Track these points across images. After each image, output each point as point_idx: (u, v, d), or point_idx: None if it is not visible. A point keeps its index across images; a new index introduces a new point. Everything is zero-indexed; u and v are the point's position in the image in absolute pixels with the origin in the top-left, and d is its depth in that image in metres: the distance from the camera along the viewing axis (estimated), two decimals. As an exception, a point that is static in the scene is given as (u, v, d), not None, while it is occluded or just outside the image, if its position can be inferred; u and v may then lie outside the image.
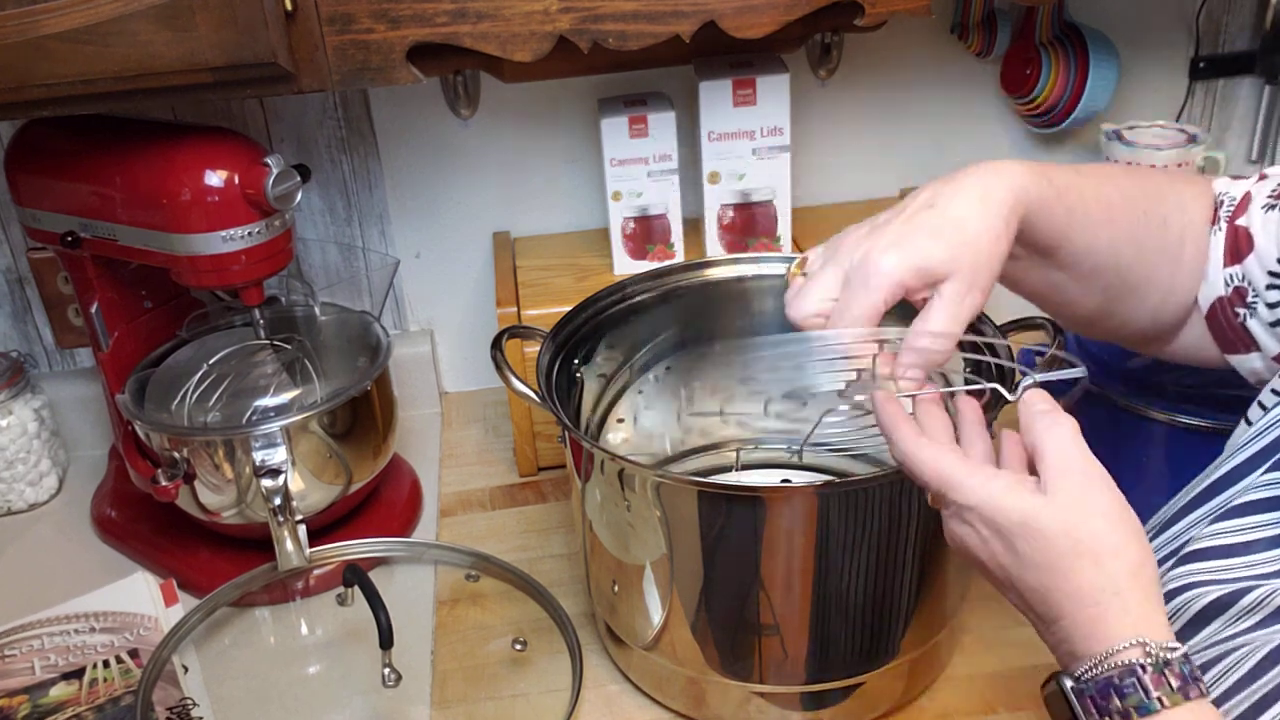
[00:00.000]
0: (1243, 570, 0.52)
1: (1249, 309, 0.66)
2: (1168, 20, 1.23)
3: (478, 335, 1.28)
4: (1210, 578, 0.52)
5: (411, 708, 0.87)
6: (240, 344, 1.01)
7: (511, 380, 0.86)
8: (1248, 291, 0.66)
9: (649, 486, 0.75)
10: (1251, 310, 0.66)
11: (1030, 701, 0.83)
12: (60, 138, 0.94)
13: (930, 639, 0.82)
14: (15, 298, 1.20)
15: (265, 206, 0.87)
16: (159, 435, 0.94)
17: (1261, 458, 0.55)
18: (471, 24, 0.82)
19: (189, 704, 0.86)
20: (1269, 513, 0.53)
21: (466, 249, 1.25)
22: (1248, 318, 0.67)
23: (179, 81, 0.78)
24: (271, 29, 0.77)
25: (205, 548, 1.02)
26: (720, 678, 0.80)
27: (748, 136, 1.09)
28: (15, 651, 0.92)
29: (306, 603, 0.99)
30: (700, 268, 0.98)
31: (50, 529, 1.12)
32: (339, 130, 1.16)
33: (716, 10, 0.84)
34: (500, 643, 0.92)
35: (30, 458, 1.13)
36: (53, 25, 0.75)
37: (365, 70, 0.83)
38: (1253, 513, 0.53)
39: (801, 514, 0.72)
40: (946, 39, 1.21)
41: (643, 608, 0.81)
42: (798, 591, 0.75)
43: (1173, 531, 0.59)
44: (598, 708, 0.86)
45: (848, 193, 1.28)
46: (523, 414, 1.11)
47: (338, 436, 0.97)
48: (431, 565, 1.01)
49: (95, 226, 0.92)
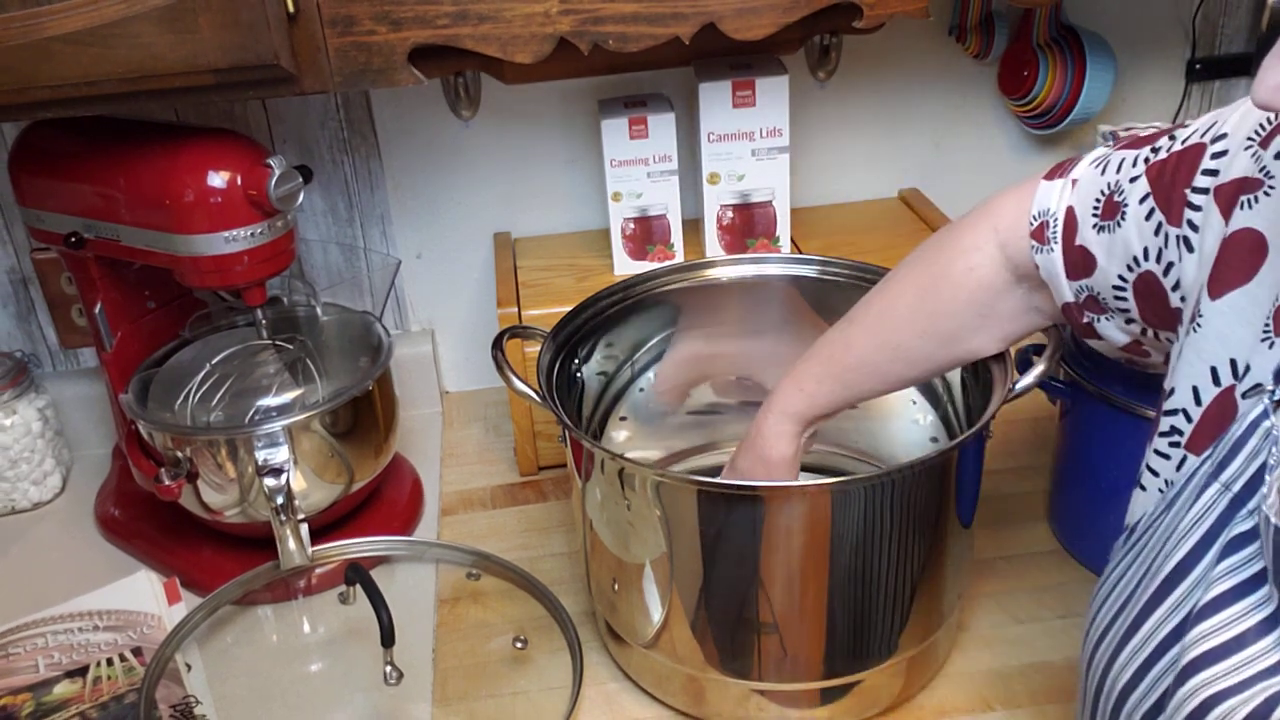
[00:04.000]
0: (1249, 668, 0.51)
1: (1102, 313, 0.67)
2: (1164, 22, 1.23)
3: (478, 335, 1.29)
4: (1225, 686, 0.51)
5: (413, 705, 0.87)
6: (243, 344, 1.01)
7: (512, 380, 0.87)
8: (1099, 300, 0.67)
9: (649, 485, 0.75)
10: (1105, 316, 0.67)
11: (1028, 699, 0.84)
12: (64, 139, 0.94)
13: (928, 637, 0.82)
14: (19, 298, 1.20)
15: (267, 207, 0.88)
16: (162, 435, 0.95)
17: (1203, 547, 0.53)
18: (473, 26, 0.83)
19: (192, 702, 0.87)
20: (1242, 600, 0.52)
21: (467, 249, 1.25)
22: (1097, 320, 0.68)
23: (181, 83, 0.79)
24: (273, 31, 0.77)
25: (208, 546, 1.02)
26: (720, 675, 0.80)
27: (747, 137, 1.09)
28: (19, 649, 0.92)
29: (308, 601, 0.99)
30: (700, 268, 0.98)
31: (54, 528, 1.13)
32: (341, 131, 1.17)
33: (716, 12, 0.84)
34: (501, 641, 0.93)
35: (34, 457, 1.13)
36: (56, 27, 0.75)
37: (367, 72, 0.83)
38: (1228, 605, 0.52)
39: (801, 513, 0.73)
40: (944, 41, 1.22)
41: (643, 606, 0.82)
42: (797, 590, 0.76)
43: (1170, 652, 0.56)
44: (598, 705, 0.86)
45: (847, 193, 1.28)
46: (523, 413, 1.12)
47: (340, 436, 0.97)
48: (433, 564, 1.02)
49: (98, 227, 0.92)
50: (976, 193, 1.27)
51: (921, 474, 0.74)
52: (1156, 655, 0.54)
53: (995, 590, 0.95)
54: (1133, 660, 0.56)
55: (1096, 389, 0.88)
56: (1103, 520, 0.93)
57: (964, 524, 0.82)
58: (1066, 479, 0.98)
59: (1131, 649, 0.56)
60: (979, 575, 0.95)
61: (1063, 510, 1.00)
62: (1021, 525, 1.02)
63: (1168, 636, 0.54)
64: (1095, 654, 0.59)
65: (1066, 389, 0.93)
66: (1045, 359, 0.81)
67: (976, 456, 0.81)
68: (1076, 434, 0.94)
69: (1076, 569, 0.97)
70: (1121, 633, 0.57)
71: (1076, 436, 0.95)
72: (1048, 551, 0.99)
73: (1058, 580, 0.95)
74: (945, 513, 0.78)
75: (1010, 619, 0.92)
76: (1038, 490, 1.06)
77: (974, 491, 0.82)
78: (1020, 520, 1.03)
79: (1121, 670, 0.56)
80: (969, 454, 0.79)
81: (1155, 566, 0.56)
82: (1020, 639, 0.90)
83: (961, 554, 0.83)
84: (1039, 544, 1.00)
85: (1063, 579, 0.96)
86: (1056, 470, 1.00)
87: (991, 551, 0.99)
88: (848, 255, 0.96)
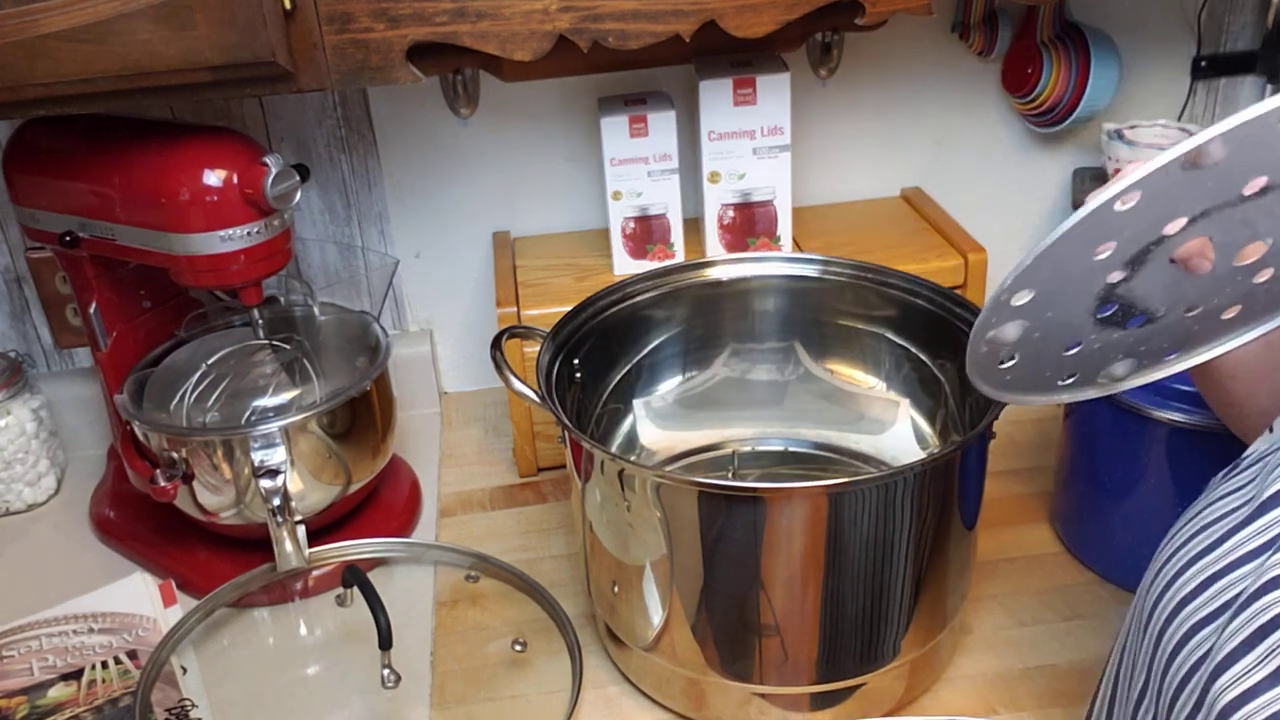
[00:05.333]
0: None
1: None
2: (1169, 19, 1.23)
3: (478, 335, 1.28)
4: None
5: (411, 709, 0.86)
6: (239, 344, 1.00)
7: (511, 380, 0.86)
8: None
9: (649, 487, 0.75)
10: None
11: (1032, 703, 0.83)
12: (59, 137, 0.94)
13: (931, 640, 0.81)
14: (13, 298, 1.19)
15: (264, 206, 0.87)
16: (157, 435, 0.94)
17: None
18: (471, 23, 0.82)
19: (187, 705, 0.86)
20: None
21: (466, 249, 1.25)
22: None
23: (178, 80, 0.78)
24: (270, 28, 0.77)
25: (204, 548, 1.02)
26: (720, 678, 0.80)
27: (748, 136, 1.08)
28: (13, 652, 0.92)
29: (306, 603, 0.99)
30: (700, 268, 0.98)
31: (49, 529, 1.12)
32: (338, 130, 1.16)
33: (717, 9, 0.84)
34: (500, 643, 0.92)
35: (28, 458, 1.13)
36: (52, 24, 0.75)
37: (364, 69, 0.83)
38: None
39: (802, 514, 0.72)
40: (947, 38, 1.21)
41: (643, 608, 0.81)
42: (798, 592, 0.75)
43: (1247, 566, 0.56)
44: (598, 708, 0.86)
45: (848, 192, 1.28)
46: (523, 414, 1.11)
47: (337, 437, 0.97)
48: (431, 566, 1.01)
49: (94, 226, 0.92)
50: (980, 191, 1.28)
51: (924, 475, 0.73)
52: (1231, 568, 0.53)
53: (999, 592, 0.94)
54: (1202, 573, 0.54)
55: (1101, 389, 0.87)
56: (1108, 522, 0.93)
57: (967, 526, 0.81)
58: (1071, 481, 0.97)
59: (1204, 565, 0.55)
60: (982, 577, 0.95)
61: (1067, 512, 0.99)
62: (1025, 527, 1.02)
63: (1251, 552, 0.53)
64: (1161, 570, 0.58)
65: (1070, 389, 0.92)
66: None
67: (980, 458, 0.81)
68: (1081, 435, 0.94)
69: (1081, 571, 0.96)
70: (1197, 550, 0.56)
71: (1081, 438, 0.94)
72: (1052, 554, 0.98)
73: (1062, 582, 0.95)
74: (948, 514, 0.77)
75: (1014, 621, 0.91)
76: (1042, 492, 1.05)
77: (977, 493, 0.82)
78: (1024, 522, 1.02)
79: (1187, 582, 0.55)
80: (972, 455, 0.79)
81: (1252, 494, 0.55)
82: (1024, 642, 0.89)
83: (964, 556, 0.82)
84: (1043, 546, 0.99)
85: (1067, 581, 0.95)
86: (1060, 472, 0.99)
87: (995, 553, 0.98)
88: (849, 254, 0.96)
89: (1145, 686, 0.57)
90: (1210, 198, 0.52)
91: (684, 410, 1.02)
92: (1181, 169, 0.49)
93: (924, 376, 0.95)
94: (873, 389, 1.00)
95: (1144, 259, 0.55)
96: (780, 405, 1.02)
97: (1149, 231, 0.53)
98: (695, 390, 1.03)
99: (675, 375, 1.02)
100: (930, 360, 0.94)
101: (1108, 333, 0.60)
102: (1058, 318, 0.58)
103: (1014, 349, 0.60)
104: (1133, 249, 0.54)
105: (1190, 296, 0.58)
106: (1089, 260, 0.54)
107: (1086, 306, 0.58)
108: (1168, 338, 0.61)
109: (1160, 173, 0.49)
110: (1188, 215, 0.52)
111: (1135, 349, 0.62)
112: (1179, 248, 0.55)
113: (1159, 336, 0.61)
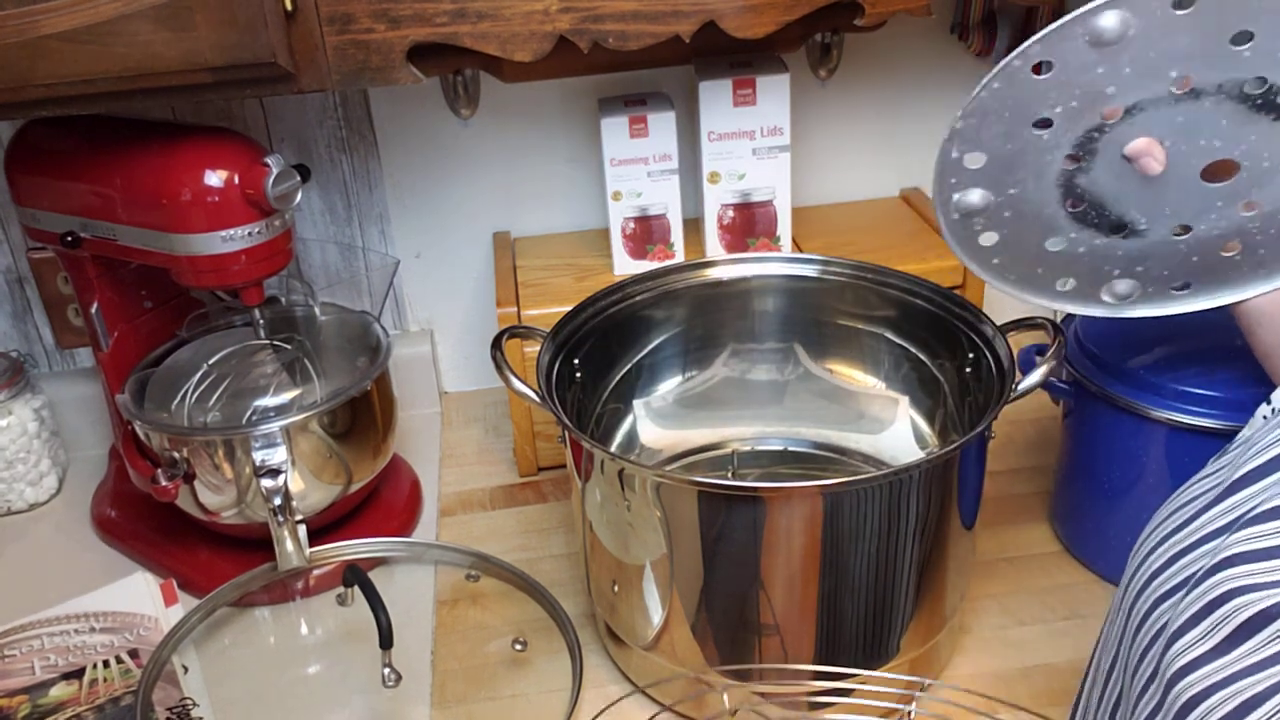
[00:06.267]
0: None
1: None
2: (1168, 20, 1.23)
3: (478, 335, 1.28)
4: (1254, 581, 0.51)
5: (411, 708, 0.86)
6: (240, 344, 1.01)
7: (511, 380, 0.86)
8: None
9: (649, 486, 0.75)
10: None
11: (1030, 702, 0.83)
12: (60, 137, 0.94)
13: (930, 639, 0.82)
14: (15, 298, 1.20)
15: (265, 206, 0.87)
16: (159, 435, 0.94)
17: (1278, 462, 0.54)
18: (471, 24, 0.82)
19: (189, 704, 0.86)
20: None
21: (466, 249, 1.25)
22: None
23: (179, 81, 0.78)
24: (271, 29, 0.77)
25: (205, 548, 1.02)
26: (720, 678, 0.80)
27: (748, 136, 1.09)
28: (15, 652, 0.92)
29: (306, 603, 0.99)
30: (700, 268, 0.98)
31: (50, 529, 1.12)
32: (339, 130, 1.16)
33: (717, 10, 0.84)
34: (500, 643, 0.92)
35: (30, 458, 1.13)
36: (52, 25, 0.75)
37: (365, 70, 0.83)
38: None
39: (802, 514, 0.72)
40: (946, 39, 1.21)
41: (643, 608, 0.81)
42: (798, 591, 0.75)
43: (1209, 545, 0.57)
44: (598, 708, 0.86)
45: (848, 192, 1.28)
46: (523, 414, 1.11)
47: (338, 436, 0.97)
48: (431, 565, 1.01)
49: (95, 226, 0.92)
50: (978, 192, 1.28)
51: (923, 475, 0.74)
52: (1196, 545, 0.55)
53: (998, 592, 0.94)
54: (1172, 548, 0.56)
55: (1100, 389, 0.88)
56: (1106, 521, 0.93)
57: (966, 525, 0.81)
58: (1070, 480, 0.97)
59: (1176, 540, 0.56)
60: (981, 577, 0.95)
61: (1066, 511, 0.99)
62: (1024, 526, 1.02)
63: (1214, 532, 0.54)
64: (1139, 547, 0.59)
65: (1070, 389, 0.92)
66: (1048, 359, 0.80)
67: (979, 457, 0.81)
68: (1080, 434, 0.94)
69: (1080, 570, 0.96)
70: (1173, 526, 0.57)
71: (1080, 437, 0.94)
72: (1051, 553, 0.98)
73: (1061, 582, 0.95)
74: (947, 514, 0.78)
75: (1013, 621, 0.91)
76: (1041, 491, 1.05)
77: (976, 493, 0.82)
78: (1023, 521, 1.02)
79: (1157, 558, 0.56)
80: (971, 455, 0.79)
81: (1228, 473, 0.56)
82: (1023, 641, 0.89)
83: (963, 555, 0.82)
84: (1042, 545, 0.99)
85: (1066, 581, 0.95)
86: (1059, 471, 0.99)
87: (994, 553, 0.98)
88: (849, 255, 0.96)
89: (1115, 658, 0.59)
90: (1136, 87, 0.51)
91: (684, 410, 1.03)
92: (1090, 45, 0.49)
93: (923, 376, 0.96)
94: (872, 389, 1.00)
95: (1092, 147, 0.55)
96: (780, 405, 1.03)
97: (1083, 112, 0.53)
98: (695, 390, 1.03)
99: (675, 375, 1.02)
100: (929, 360, 0.94)
101: (1089, 234, 0.59)
102: (1024, 197, 0.57)
103: (987, 222, 0.59)
104: (1074, 131, 0.54)
105: (1168, 209, 0.57)
106: (1029, 134, 0.54)
107: (1053, 195, 0.57)
108: (1165, 263, 0.60)
109: (1058, 35, 0.49)
110: (1121, 103, 0.52)
111: (1131, 268, 0.61)
112: (1128, 143, 0.55)
113: (1155, 259, 0.60)
